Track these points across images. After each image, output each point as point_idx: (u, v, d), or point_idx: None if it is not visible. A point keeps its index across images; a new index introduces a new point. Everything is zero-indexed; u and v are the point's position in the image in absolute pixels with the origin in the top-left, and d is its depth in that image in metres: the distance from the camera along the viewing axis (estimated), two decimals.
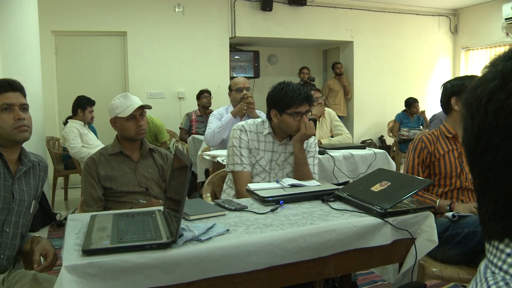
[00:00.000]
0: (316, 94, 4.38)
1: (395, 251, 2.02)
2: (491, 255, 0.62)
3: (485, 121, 0.57)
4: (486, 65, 0.61)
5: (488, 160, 0.58)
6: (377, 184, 2.09)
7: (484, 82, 0.59)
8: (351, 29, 8.28)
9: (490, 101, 0.57)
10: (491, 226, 0.62)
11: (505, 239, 0.60)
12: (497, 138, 0.56)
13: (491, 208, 0.60)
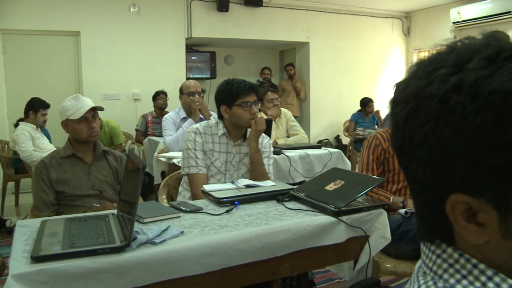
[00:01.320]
0: (273, 95, 4.41)
1: (349, 249, 2.06)
2: (424, 255, 0.64)
3: (403, 142, 0.58)
4: (410, 69, 0.60)
5: (411, 175, 0.60)
6: (331, 183, 2.13)
7: (403, 100, 0.58)
8: (307, 30, 8.37)
9: (406, 125, 0.57)
10: (422, 228, 0.63)
11: (436, 240, 0.62)
12: (413, 163, 0.58)
13: (419, 214, 0.63)
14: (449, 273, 0.59)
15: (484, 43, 0.55)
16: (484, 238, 0.54)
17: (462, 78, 0.51)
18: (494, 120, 0.49)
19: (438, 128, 0.52)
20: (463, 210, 0.54)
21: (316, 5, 8.30)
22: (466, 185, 0.52)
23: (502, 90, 0.48)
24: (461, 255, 0.58)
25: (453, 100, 0.51)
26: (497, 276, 0.55)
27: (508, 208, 0.52)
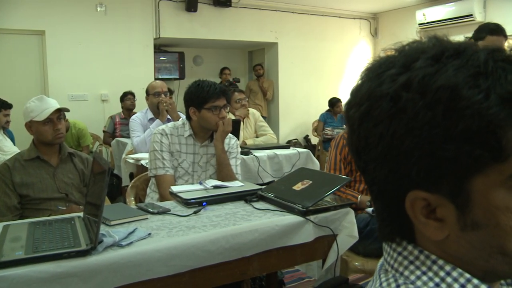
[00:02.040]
0: (240, 96, 4.42)
1: (317, 248, 2.08)
2: (386, 253, 0.65)
3: (359, 143, 0.59)
4: (361, 74, 0.61)
5: (370, 177, 0.61)
6: (299, 183, 2.14)
7: (356, 103, 0.59)
8: (276, 30, 8.40)
9: (361, 126, 0.58)
10: (382, 228, 0.65)
11: (396, 238, 0.63)
12: (370, 163, 0.59)
13: (380, 215, 0.64)
14: (409, 270, 0.60)
15: (429, 44, 0.57)
16: (443, 233, 0.56)
17: (411, 77, 0.53)
18: (443, 114, 0.51)
19: (392, 126, 0.54)
20: (422, 206, 0.56)
21: (285, 6, 8.34)
22: (423, 180, 0.54)
23: (448, 85, 0.51)
24: (421, 252, 0.60)
25: (404, 98, 0.53)
26: (455, 271, 0.57)
27: (464, 201, 0.54)
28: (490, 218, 0.54)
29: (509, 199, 0.53)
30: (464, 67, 0.52)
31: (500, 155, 0.51)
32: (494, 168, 0.52)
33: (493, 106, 0.50)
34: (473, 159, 0.51)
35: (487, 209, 0.54)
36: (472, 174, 0.52)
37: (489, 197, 0.53)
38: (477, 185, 0.53)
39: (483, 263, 0.57)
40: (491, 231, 0.54)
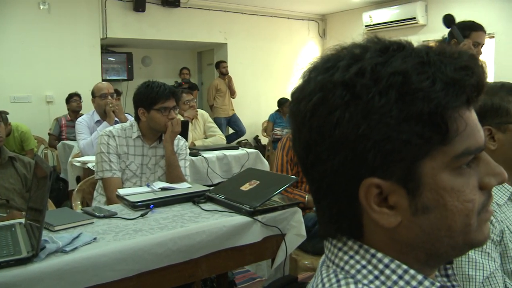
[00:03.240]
0: (188, 97, 4.40)
1: (266, 248, 2.10)
2: (327, 250, 0.67)
3: (311, 136, 0.60)
4: (304, 73, 0.63)
5: (319, 172, 0.61)
6: (246, 183, 2.16)
7: (306, 96, 0.60)
8: (225, 31, 8.41)
9: (314, 116, 0.59)
10: (326, 228, 0.66)
11: (338, 235, 0.65)
12: (324, 153, 0.59)
13: (327, 212, 0.64)
14: (350, 265, 0.62)
15: (372, 41, 0.61)
16: (397, 220, 0.59)
17: (363, 65, 0.56)
18: (397, 98, 0.54)
19: (348, 112, 0.56)
20: (375, 195, 0.58)
21: (234, 7, 8.36)
22: (378, 166, 0.56)
23: (400, 71, 0.55)
24: (360, 246, 0.62)
25: (358, 85, 0.55)
26: (393, 263, 0.60)
27: (415, 186, 0.57)
28: (438, 200, 0.58)
29: (454, 180, 0.58)
30: (410, 57, 0.56)
31: (447, 136, 0.56)
32: (440, 150, 0.56)
33: (439, 91, 0.54)
34: (424, 140, 0.55)
35: (435, 191, 0.57)
36: (422, 158, 0.56)
37: (436, 179, 0.57)
38: (426, 168, 0.57)
39: (429, 247, 0.60)
40: (439, 213, 0.58)
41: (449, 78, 0.55)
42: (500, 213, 1.34)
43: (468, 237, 0.61)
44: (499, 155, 1.42)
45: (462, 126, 0.57)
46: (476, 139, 0.59)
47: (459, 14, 7.35)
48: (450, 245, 0.61)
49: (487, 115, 1.40)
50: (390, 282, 0.60)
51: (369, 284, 0.60)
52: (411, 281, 0.60)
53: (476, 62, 0.58)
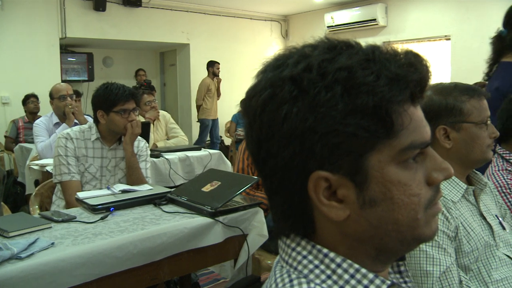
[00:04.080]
0: (149, 98, 4.36)
1: (228, 248, 2.10)
2: (281, 250, 0.68)
3: (261, 131, 0.61)
4: (257, 73, 0.65)
5: (271, 167, 0.62)
6: (208, 184, 2.16)
7: (257, 92, 0.62)
8: (187, 31, 8.36)
9: (264, 112, 0.60)
10: (280, 225, 0.67)
11: (291, 235, 0.66)
12: (274, 147, 0.60)
13: (279, 209, 0.65)
14: (303, 265, 0.63)
15: (321, 41, 0.63)
16: (345, 213, 0.60)
17: (311, 62, 0.58)
18: (342, 92, 0.56)
19: (296, 106, 0.57)
20: (324, 188, 0.60)
21: (196, 7, 8.32)
22: (325, 159, 0.58)
23: (345, 67, 0.57)
24: (313, 247, 0.63)
25: (306, 79, 0.57)
26: (345, 263, 0.62)
27: (362, 179, 0.59)
28: (385, 193, 0.59)
29: (400, 174, 0.60)
30: (356, 54, 0.59)
31: (392, 130, 0.58)
32: (386, 144, 0.58)
33: (384, 86, 0.57)
34: (370, 133, 0.57)
35: (382, 184, 0.59)
36: (368, 151, 0.58)
37: (383, 172, 0.59)
38: (373, 161, 0.58)
39: (378, 241, 0.62)
40: (386, 206, 0.60)
41: (393, 74, 0.57)
42: (455, 210, 1.39)
43: (417, 232, 0.62)
44: (454, 154, 1.47)
45: (407, 121, 0.59)
46: (421, 134, 0.61)
47: (417, 17, 7.61)
48: (398, 240, 0.62)
49: (442, 115, 1.45)
50: (342, 281, 0.61)
51: (321, 283, 0.61)
52: (362, 280, 0.61)
53: (420, 60, 0.61)
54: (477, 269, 1.38)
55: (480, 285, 1.37)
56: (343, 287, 0.61)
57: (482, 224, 1.46)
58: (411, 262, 1.27)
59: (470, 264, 1.37)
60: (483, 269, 1.38)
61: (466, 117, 1.45)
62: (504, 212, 1.67)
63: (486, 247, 1.41)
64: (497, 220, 1.52)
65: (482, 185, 1.54)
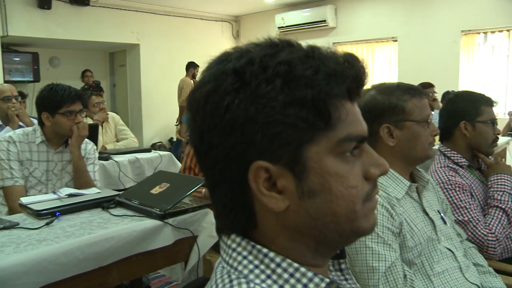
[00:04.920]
0: (98, 99, 4.26)
1: (178, 251, 2.09)
2: (222, 251, 0.68)
3: (204, 122, 0.63)
4: (202, 71, 0.66)
5: (212, 158, 0.63)
6: (156, 186, 2.13)
7: (201, 85, 0.64)
8: (137, 31, 8.23)
9: (207, 103, 0.62)
10: (222, 221, 0.68)
11: (232, 235, 0.67)
12: (216, 138, 0.62)
13: (221, 203, 0.66)
14: (243, 265, 0.64)
15: (265, 40, 0.66)
16: (285, 203, 0.62)
17: (253, 56, 0.61)
18: (282, 85, 0.59)
19: (238, 97, 0.60)
20: (264, 179, 0.61)
21: (146, 7, 8.20)
22: (265, 149, 0.60)
23: (286, 61, 0.60)
24: (253, 247, 0.64)
25: (248, 72, 0.60)
26: (284, 262, 0.63)
27: (301, 169, 0.61)
28: (323, 184, 0.61)
29: (338, 166, 0.62)
30: (297, 51, 0.62)
31: (329, 122, 0.61)
32: (324, 136, 0.61)
33: (322, 80, 0.60)
34: (308, 125, 0.59)
35: (320, 175, 0.61)
36: (307, 142, 0.60)
37: (321, 163, 0.61)
38: (311, 152, 0.61)
39: (318, 233, 0.64)
40: (325, 197, 0.62)
41: (331, 69, 0.61)
42: (399, 207, 1.43)
43: (355, 224, 0.65)
44: (398, 151, 1.52)
45: (344, 114, 0.62)
46: (357, 127, 0.64)
47: (366, 19, 7.79)
48: (337, 232, 0.64)
49: (385, 114, 1.50)
50: (281, 280, 0.63)
51: (261, 283, 0.62)
52: (301, 279, 0.63)
53: (357, 59, 0.64)
54: (420, 263, 1.43)
55: (424, 278, 1.42)
56: (282, 286, 0.62)
57: (425, 219, 1.51)
58: (357, 259, 1.30)
59: (414, 259, 1.42)
60: (426, 263, 1.44)
61: (408, 116, 1.50)
62: (445, 208, 1.74)
63: (428, 242, 1.46)
64: (439, 215, 1.58)
65: (425, 182, 1.60)
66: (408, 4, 7.18)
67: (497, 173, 2.01)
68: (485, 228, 1.85)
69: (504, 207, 1.91)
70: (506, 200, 1.92)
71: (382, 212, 1.36)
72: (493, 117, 2.07)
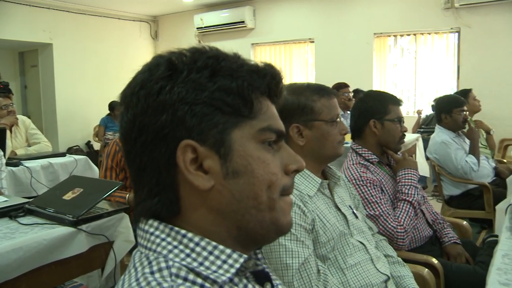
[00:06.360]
0: (6, 101, 4.02)
1: (94, 258, 2.03)
2: (140, 238, 0.70)
3: (137, 106, 0.67)
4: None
5: (142, 142, 0.66)
6: (69, 192, 2.05)
7: (136, 77, 0.70)
8: (50, 30, 7.83)
9: (142, 88, 0.67)
10: (143, 207, 0.69)
11: (149, 220, 0.68)
12: (148, 119, 0.66)
13: (146, 188, 0.68)
14: (161, 246, 0.66)
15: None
16: (210, 182, 0.66)
17: (185, 52, 0.69)
18: (211, 74, 0.67)
19: (170, 83, 0.66)
20: (191, 159, 0.66)
21: (59, 4, 7.83)
22: (194, 128, 0.65)
23: (214, 56, 0.69)
24: (171, 229, 0.67)
25: (180, 63, 0.67)
26: (203, 241, 0.66)
27: (226, 151, 0.66)
28: (246, 166, 0.67)
29: (260, 152, 0.69)
30: (224, 53, 0.71)
31: (252, 111, 0.68)
32: (247, 123, 0.68)
33: (246, 73, 0.68)
34: (233, 110, 0.67)
35: (244, 158, 0.67)
36: (232, 126, 0.67)
37: (245, 147, 0.67)
38: (236, 136, 0.67)
39: (240, 218, 0.68)
40: (248, 179, 0.67)
41: (253, 67, 0.70)
42: (311, 204, 1.47)
43: (274, 215, 0.70)
44: (307, 150, 1.56)
45: (264, 107, 0.71)
46: (278, 123, 0.73)
47: (284, 20, 7.94)
48: (258, 221, 0.68)
49: (295, 114, 1.53)
50: (201, 258, 0.65)
51: (180, 261, 0.64)
52: (220, 255, 0.66)
53: (273, 65, 0.73)
54: (334, 257, 1.48)
55: (337, 271, 1.47)
56: (202, 263, 0.65)
57: (337, 215, 1.56)
58: (272, 257, 1.32)
59: (328, 253, 1.47)
60: (339, 257, 1.49)
61: (317, 116, 1.55)
62: (357, 203, 1.81)
63: (341, 236, 1.51)
64: (350, 211, 1.64)
65: (336, 178, 1.65)
66: (324, 6, 7.39)
67: (405, 168, 2.12)
68: (395, 221, 1.95)
69: (411, 200, 2.02)
70: (412, 194, 2.03)
71: (295, 210, 1.39)
72: (400, 115, 2.18)
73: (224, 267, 0.66)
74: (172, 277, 0.62)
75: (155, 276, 0.62)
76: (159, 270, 0.62)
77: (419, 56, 6.77)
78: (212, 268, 0.65)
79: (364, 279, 1.49)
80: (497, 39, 5.99)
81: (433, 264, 1.94)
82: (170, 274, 0.62)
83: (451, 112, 3.66)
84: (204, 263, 0.65)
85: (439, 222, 2.33)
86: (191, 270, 0.64)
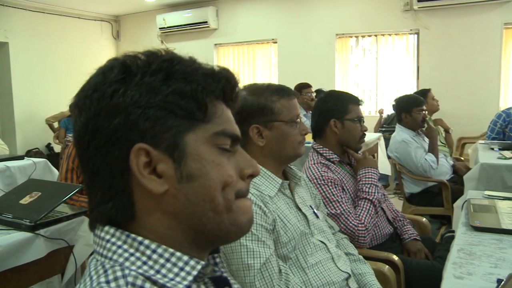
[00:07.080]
0: None
1: (53, 263, 1.99)
2: (96, 245, 0.68)
3: (90, 109, 0.65)
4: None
5: (95, 146, 0.65)
6: (26, 196, 2.00)
7: (89, 79, 0.69)
8: (5, 29, 7.59)
9: (95, 91, 0.66)
10: (98, 212, 0.67)
11: (105, 227, 0.67)
12: (101, 122, 0.65)
13: (100, 193, 0.67)
14: (118, 254, 0.64)
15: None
16: (164, 186, 0.65)
17: (140, 55, 0.69)
18: (165, 77, 0.66)
19: (124, 85, 0.65)
20: (145, 163, 0.65)
21: (15, 2, 7.60)
22: (147, 132, 0.64)
23: (169, 59, 0.68)
24: (128, 236, 0.65)
25: (134, 66, 0.67)
26: (160, 248, 0.65)
27: (180, 155, 0.65)
28: (201, 169, 0.66)
29: (215, 155, 0.68)
30: (179, 56, 0.70)
31: (206, 115, 0.68)
32: (201, 127, 0.68)
33: (200, 77, 0.68)
34: (187, 113, 0.66)
35: (198, 161, 0.66)
36: (186, 130, 0.66)
37: (199, 151, 0.67)
38: (190, 139, 0.66)
39: (197, 221, 0.67)
40: (203, 182, 0.66)
41: (208, 71, 0.70)
42: (272, 204, 1.47)
43: (232, 216, 0.69)
44: (268, 151, 1.56)
45: (219, 111, 0.70)
46: (232, 127, 0.72)
47: (246, 20, 7.96)
48: (216, 223, 0.68)
49: (254, 115, 1.53)
50: (158, 265, 0.64)
51: (137, 269, 0.63)
52: (177, 262, 0.65)
53: (228, 69, 0.73)
54: (295, 257, 1.49)
55: (299, 271, 1.48)
56: (159, 270, 0.64)
57: (298, 215, 1.57)
58: (233, 258, 1.32)
59: (289, 253, 1.47)
60: (300, 256, 1.50)
61: (277, 116, 1.55)
62: (318, 202, 1.83)
63: (302, 236, 1.52)
64: (311, 210, 1.65)
65: (297, 179, 1.66)
66: (287, 7, 7.43)
67: (365, 167, 2.16)
68: (356, 219, 1.98)
69: (371, 198, 2.05)
70: (373, 192, 2.06)
71: (255, 210, 1.39)
72: (360, 115, 2.21)
73: (181, 274, 0.65)
74: (128, 286, 0.61)
75: (110, 285, 0.61)
76: (115, 279, 0.61)
77: (380, 57, 6.90)
78: (169, 276, 0.64)
79: (325, 277, 1.51)
80: (454, 41, 6.17)
81: (393, 261, 1.98)
82: (126, 283, 0.61)
83: (411, 112, 3.75)
84: (161, 271, 0.64)
85: (399, 220, 2.38)
86: (148, 278, 0.63)
